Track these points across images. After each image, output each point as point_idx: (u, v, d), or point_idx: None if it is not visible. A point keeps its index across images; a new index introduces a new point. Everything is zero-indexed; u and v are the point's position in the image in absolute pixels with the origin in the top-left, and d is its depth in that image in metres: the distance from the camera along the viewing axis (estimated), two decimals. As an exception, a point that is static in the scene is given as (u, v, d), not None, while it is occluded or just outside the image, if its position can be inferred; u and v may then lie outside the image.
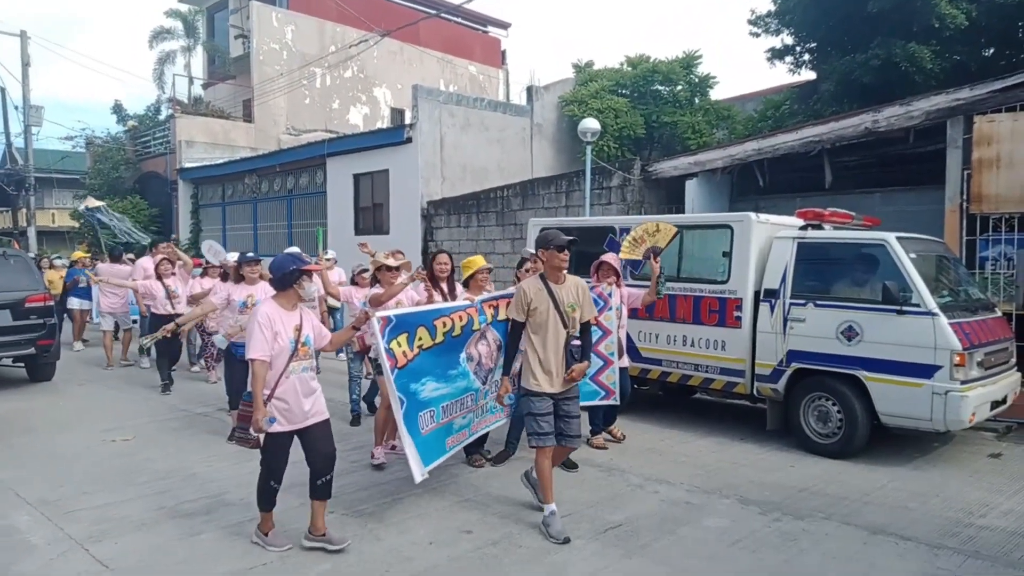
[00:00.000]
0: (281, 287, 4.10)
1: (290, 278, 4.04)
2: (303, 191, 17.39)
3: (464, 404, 5.05)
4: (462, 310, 5.06)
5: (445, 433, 4.87)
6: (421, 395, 4.62)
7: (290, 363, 3.99)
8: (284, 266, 4.06)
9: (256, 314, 4.02)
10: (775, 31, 14.86)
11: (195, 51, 25.01)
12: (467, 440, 5.21)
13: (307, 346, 4.10)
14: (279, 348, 3.96)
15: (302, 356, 4.06)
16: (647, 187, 11.22)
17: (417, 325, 4.66)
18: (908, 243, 6.12)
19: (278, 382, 3.97)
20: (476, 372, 5.11)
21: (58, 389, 9.19)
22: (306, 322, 4.13)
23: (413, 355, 4.58)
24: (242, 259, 6.84)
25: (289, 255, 4.11)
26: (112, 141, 23.84)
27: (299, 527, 4.39)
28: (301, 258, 4.12)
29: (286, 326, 4.00)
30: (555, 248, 4.54)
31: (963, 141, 8.52)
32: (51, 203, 33.95)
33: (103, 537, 4.38)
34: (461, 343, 5.00)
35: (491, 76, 27.42)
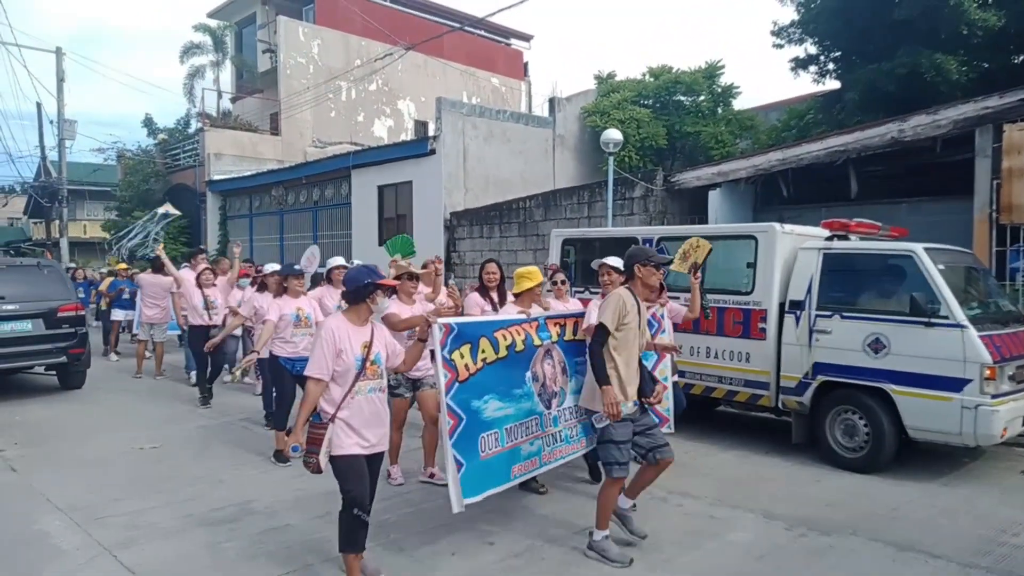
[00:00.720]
0: (353, 301, 3.81)
1: (364, 292, 3.77)
2: (328, 203, 17.59)
3: (529, 428, 4.61)
4: (521, 324, 4.73)
5: (510, 460, 4.43)
6: (484, 414, 4.25)
7: (357, 382, 3.69)
8: (358, 279, 3.79)
9: (320, 329, 3.78)
10: (798, 41, 14.80)
11: (224, 65, 25.46)
12: (538, 470, 4.74)
13: (376, 365, 3.78)
14: (344, 366, 3.67)
15: (370, 375, 3.74)
16: (670, 198, 11.20)
17: (479, 336, 4.34)
18: (936, 254, 6.03)
19: (343, 402, 3.68)
20: (540, 394, 4.74)
21: (88, 397, 9.35)
22: (377, 339, 3.82)
23: (476, 369, 4.24)
24: (288, 271, 6.66)
25: (364, 267, 3.88)
26: (143, 154, 24.33)
27: (320, 537, 4.42)
28: (376, 271, 3.85)
29: (353, 343, 3.71)
30: (655, 265, 4.29)
31: (992, 150, 8.42)
32: (82, 215, 34.66)
33: (131, 543, 4.45)
34: (526, 360, 4.66)
35: (513, 88, 27.57)
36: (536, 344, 4.75)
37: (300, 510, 5.02)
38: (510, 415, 4.44)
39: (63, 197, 22.44)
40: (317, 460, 3.60)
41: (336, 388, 3.68)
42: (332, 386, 3.68)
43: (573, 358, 5.11)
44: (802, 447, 6.54)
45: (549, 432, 4.77)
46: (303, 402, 3.67)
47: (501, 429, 4.35)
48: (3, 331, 8.69)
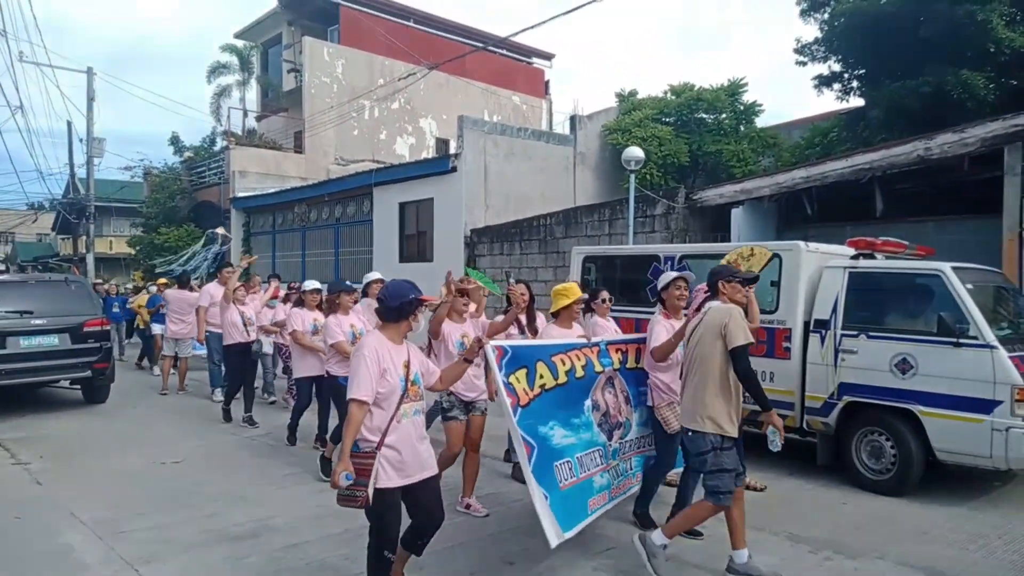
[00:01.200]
0: (395, 318, 3.52)
1: (408, 308, 3.51)
2: (350, 219, 17.74)
3: (594, 460, 4.34)
4: (579, 349, 4.47)
5: (585, 492, 4.14)
6: (553, 441, 3.98)
7: (401, 405, 3.42)
8: (403, 294, 3.51)
9: (362, 348, 3.44)
10: (822, 58, 14.76)
11: (249, 85, 25.88)
12: (607, 505, 4.43)
13: (417, 385, 3.54)
14: (389, 387, 3.38)
15: (413, 397, 3.49)
16: (692, 215, 11.15)
17: (536, 360, 4.08)
18: (964, 273, 5.94)
19: (388, 427, 3.38)
20: (601, 424, 4.45)
21: (112, 412, 9.45)
22: (414, 357, 3.58)
23: (534, 395, 3.98)
24: (340, 287, 6.43)
25: (407, 281, 3.60)
26: (169, 171, 24.74)
27: (339, 555, 4.40)
28: (416, 286, 3.60)
29: (395, 362, 3.43)
30: (741, 281, 4.16)
31: (1021, 168, 8.29)
32: (109, 231, 35.26)
33: (153, 558, 4.47)
34: (586, 387, 4.38)
35: (534, 106, 27.71)
36: (597, 371, 4.48)
37: (319, 527, 5.02)
38: (575, 444, 4.15)
39: (90, 213, 22.86)
40: (367, 494, 3.27)
41: (379, 412, 3.38)
42: (374, 410, 3.38)
43: (636, 387, 4.85)
44: (827, 469, 6.43)
45: (611, 465, 4.49)
46: (347, 428, 3.33)
47: (573, 458, 4.07)
48: (31, 345, 8.84)
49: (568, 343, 4.49)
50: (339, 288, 6.40)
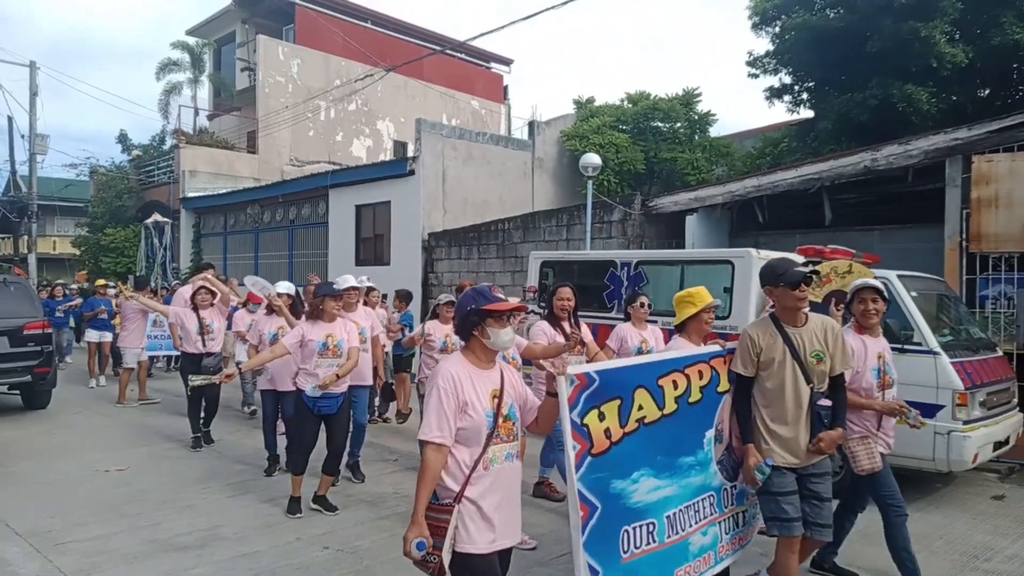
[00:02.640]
0: (465, 336, 2.87)
1: (468, 323, 2.81)
2: (305, 222, 17.47)
3: (700, 512, 3.38)
4: (703, 361, 3.51)
5: (674, 560, 3.20)
6: (631, 499, 3.03)
7: (489, 446, 2.71)
8: (463, 307, 2.86)
9: (437, 375, 2.77)
10: (773, 71, 15.10)
11: (201, 83, 25.32)
12: (715, 568, 3.44)
13: (511, 421, 2.80)
14: (472, 424, 2.69)
15: (505, 436, 2.77)
16: (647, 222, 11.28)
17: (635, 386, 3.13)
18: (909, 281, 6.12)
19: (472, 474, 2.69)
20: (723, 461, 3.57)
21: (53, 418, 9.11)
22: (508, 386, 2.83)
23: (623, 434, 3.05)
24: (327, 292, 5.52)
25: (476, 290, 2.91)
26: (116, 170, 24.03)
27: (291, 563, 4.30)
28: (488, 293, 2.87)
29: (480, 393, 2.73)
30: (786, 285, 3.42)
31: (962, 180, 8.60)
32: (52, 230, 34.09)
33: (93, 571, 4.30)
34: (708, 414, 3.49)
35: (493, 111, 27.74)
36: (722, 390, 3.56)
37: (270, 536, 4.90)
38: (673, 496, 3.22)
39: (33, 212, 22.05)
40: (440, 560, 2.59)
41: (462, 454, 2.71)
42: (456, 452, 2.70)
43: None
44: (778, 472, 6.54)
45: (730, 513, 3.57)
46: (421, 478, 2.64)
47: (660, 518, 3.14)
48: (-34, 348, 8.46)
49: (687, 356, 3.52)
50: (327, 292, 5.48)
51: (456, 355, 2.89)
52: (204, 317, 7.71)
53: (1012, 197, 8.18)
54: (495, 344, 2.79)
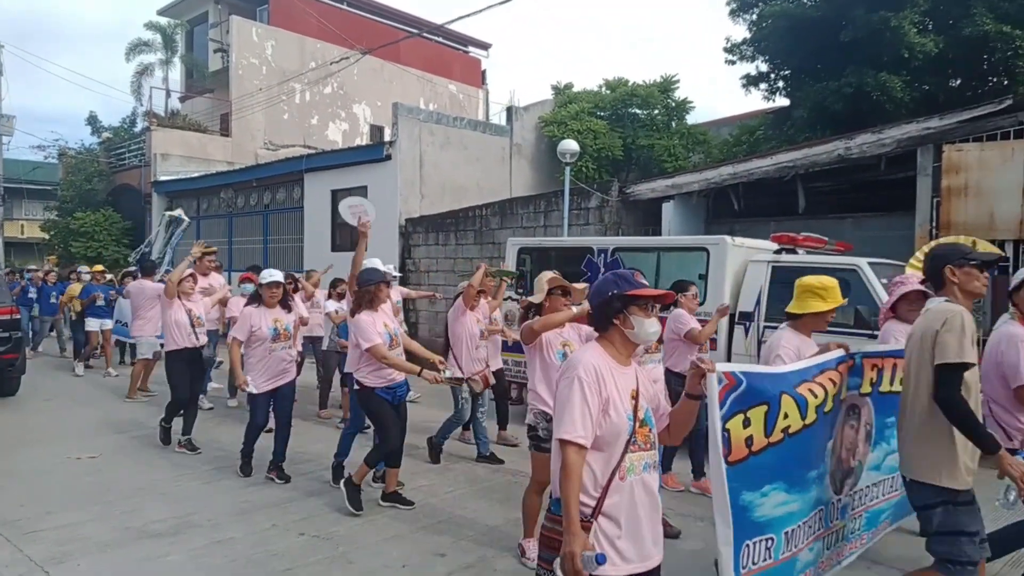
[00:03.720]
0: (603, 325, 2.51)
1: (607, 309, 2.47)
2: (280, 206, 17.27)
3: (812, 527, 3.13)
4: (833, 368, 3.21)
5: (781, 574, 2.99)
6: (756, 513, 2.79)
7: (626, 455, 2.36)
8: (602, 291, 2.50)
9: (575, 366, 2.40)
10: (750, 58, 15.16)
11: (173, 64, 24.84)
12: None
13: (648, 427, 2.46)
14: (612, 428, 2.34)
15: (643, 444, 2.42)
16: (624, 209, 11.31)
17: (780, 392, 2.87)
18: (880, 268, 6.23)
19: (609, 486, 2.33)
20: (833, 473, 3.29)
21: (23, 404, 8.96)
22: (643, 387, 2.50)
23: (767, 444, 2.79)
24: (378, 277, 5.09)
25: (618, 273, 2.54)
26: (86, 152, 23.54)
27: (265, 550, 4.28)
28: (631, 278, 2.50)
29: (621, 391, 2.39)
30: (976, 265, 3.08)
31: (933, 169, 8.73)
32: (20, 214, 33.37)
33: (65, 558, 4.26)
34: (831, 425, 3.22)
35: (471, 95, 27.58)
36: (841, 399, 3.28)
37: (244, 523, 4.88)
38: (796, 511, 2.97)
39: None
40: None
41: (597, 462, 2.35)
42: (590, 459, 2.35)
43: (884, 418, 3.58)
44: (751, 456, 6.64)
45: (834, 528, 3.33)
46: (568, 481, 2.27)
47: (779, 534, 2.89)
48: (-70, 335, 8.28)
49: (823, 361, 3.17)
50: (378, 279, 5.07)
51: (593, 345, 2.51)
52: (191, 308, 7.03)
53: (981, 186, 8.32)
54: (638, 336, 2.45)
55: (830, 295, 3.51)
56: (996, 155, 8.30)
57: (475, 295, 6.36)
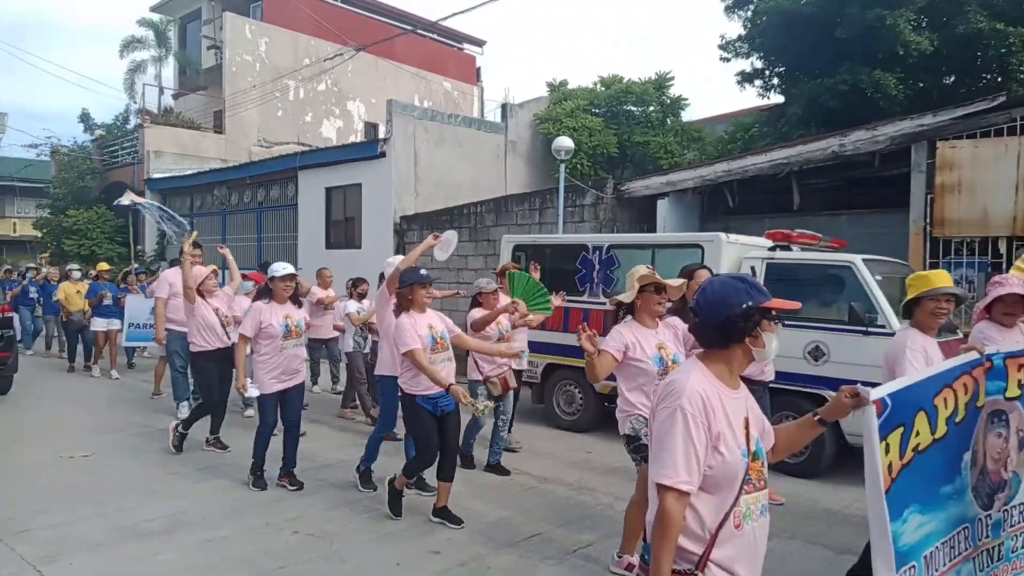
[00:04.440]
0: (720, 342, 2.09)
1: (738, 326, 2.04)
2: (274, 204, 17.22)
3: (955, 547, 2.84)
4: (967, 372, 2.89)
5: None
6: (900, 542, 2.54)
7: (740, 497, 2.01)
8: (731, 302, 2.04)
9: (677, 393, 2.01)
10: (745, 55, 15.16)
11: (166, 61, 24.72)
12: None
13: (760, 460, 2.10)
14: (723, 466, 1.99)
15: (756, 481, 2.06)
16: (619, 206, 11.31)
17: (917, 409, 2.65)
18: (874, 265, 6.23)
19: (720, 531, 1.99)
20: (977, 487, 2.94)
21: (15, 403, 8.91)
22: (752, 411, 2.15)
23: (901, 466, 2.57)
24: (416, 279, 4.75)
25: (745, 280, 2.11)
26: (79, 150, 23.43)
27: (258, 548, 4.27)
28: (759, 285, 2.12)
29: (733, 421, 2.04)
30: None
31: (927, 166, 8.75)
32: (12, 212, 33.21)
33: (57, 557, 4.23)
34: (966, 436, 2.89)
35: (466, 93, 27.52)
36: (979, 405, 2.94)
37: (237, 521, 4.86)
38: (933, 532, 2.71)
39: (-9, 193, 21.46)
40: None
41: (707, 505, 2.00)
42: (698, 502, 1.99)
43: None
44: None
45: (984, 546, 2.98)
46: (662, 535, 1.94)
47: (919, 559, 2.63)
48: (-79, 333, 8.22)
49: (955, 367, 2.86)
50: (416, 279, 4.74)
51: (696, 366, 2.10)
52: (218, 307, 6.67)
53: (974, 183, 8.35)
54: (766, 355, 2.09)
55: (932, 279, 3.37)
56: (989, 152, 8.32)
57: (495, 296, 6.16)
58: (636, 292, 3.96)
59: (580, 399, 7.74)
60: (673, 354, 3.91)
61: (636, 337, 3.88)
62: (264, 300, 5.57)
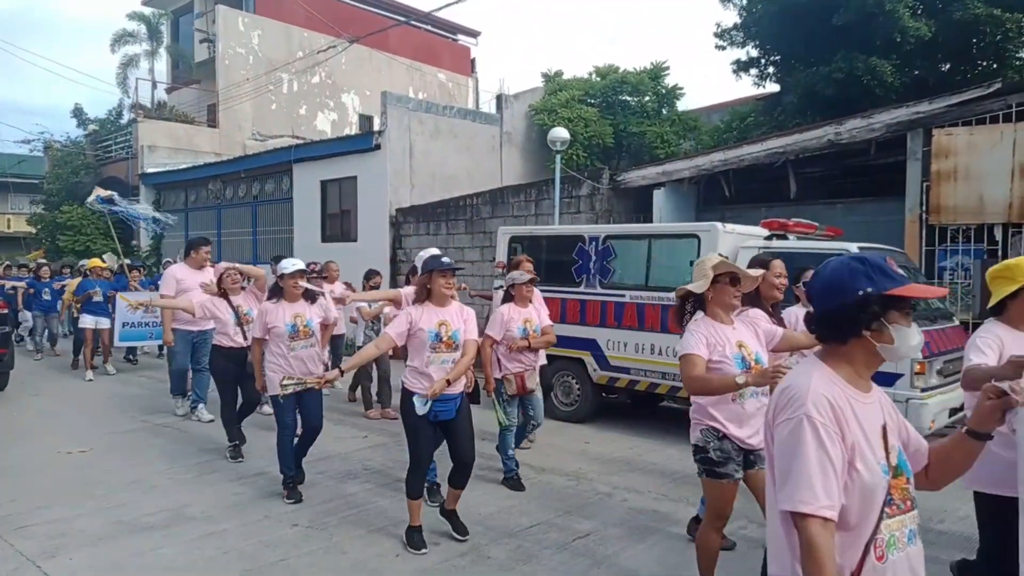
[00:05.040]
0: (840, 335, 1.79)
1: (853, 317, 1.75)
2: (268, 197, 17.17)
3: None
4: None
5: None
6: None
7: (882, 522, 1.70)
8: (847, 287, 1.75)
9: (800, 401, 1.71)
10: (741, 44, 15.12)
11: (159, 55, 24.60)
12: None
13: (904, 476, 1.79)
14: (863, 488, 1.68)
15: (901, 503, 1.76)
16: (616, 196, 11.30)
17: None
18: (869, 253, 6.23)
19: (862, 567, 1.70)
20: None
21: (12, 400, 8.89)
22: (890, 415, 1.83)
23: None
24: (433, 265, 4.33)
25: (868, 261, 1.80)
26: (72, 145, 23.31)
27: (258, 541, 4.27)
28: (888, 267, 1.79)
29: (868, 430, 1.73)
30: None
31: (922, 153, 8.75)
32: (5, 208, 33.06)
33: (57, 553, 4.23)
34: None
35: (460, 84, 27.43)
36: None
37: (237, 515, 4.87)
38: None
39: (-15, 189, 21.37)
40: None
41: (840, 535, 1.68)
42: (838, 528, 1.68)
43: None
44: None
45: None
46: (814, 568, 1.61)
47: None
48: (-84, 330, 8.19)
49: None
50: (432, 267, 4.32)
51: (819, 367, 1.79)
52: (239, 304, 6.48)
53: (970, 170, 8.35)
54: (898, 351, 1.74)
55: (1018, 272, 3.06)
56: (985, 139, 8.33)
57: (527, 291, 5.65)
58: (710, 282, 3.45)
59: (578, 390, 7.75)
60: (755, 353, 3.46)
61: (717, 335, 3.41)
62: (273, 300, 5.35)
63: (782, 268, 4.30)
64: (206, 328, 7.27)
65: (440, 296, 4.29)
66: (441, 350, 4.23)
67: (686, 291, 3.53)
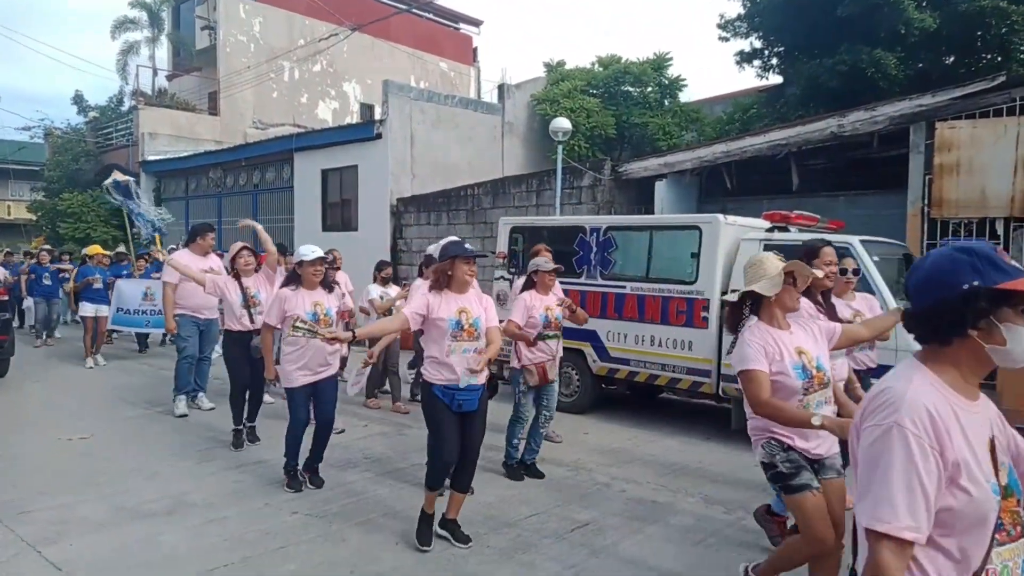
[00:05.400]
0: (940, 335, 1.59)
1: (956, 314, 1.54)
2: (269, 186, 17.15)
3: None
4: None
5: None
6: None
7: (992, 549, 1.52)
8: (949, 281, 1.54)
9: (895, 406, 1.51)
10: (744, 34, 15.06)
11: (160, 42, 24.52)
12: None
13: (1015, 496, 1.59)
14: (967, 506, 1.48)
15: (1013, 529, 1.56)
16: (617, 187, 11.28)
17: None
18: (871, 246, 6.23)
19: None
20: None
21: (13, 387, 8.91)
22: (999, 427, 1.63)
23: None
24: (455, 251, 4.19)
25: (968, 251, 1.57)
26: (72, 132, 23.27)
27: (259, 529, 4.30)
28: (993, 254, 1.55)
29: (976, 446, 1.52)
30: None
31: (925, 146, 8.73)
32: (6, 195, 33.05)
33: (58, 539, 4.25)
34: None
35: (462, 73, 27.33)
36: None
37: (239, 502, 4.89)
38: None
39: (-15, 176, 21.36)
40: None
41: (943, 564, 1.52)
42: (927, 560, 1.51)
43: None
44: (741, 433, 6.65)
45: None
46: None
47: None
48: (-82, 316, 8.19)
49: None
50: (454, 253, 4.18)
51: (920, 370, 1.58)
52: (248, 286, 6.33)
53: (972, 164, 8.33)
54: (1012, 355, 1.52)
55: None
56: (988, 132, 8.30)
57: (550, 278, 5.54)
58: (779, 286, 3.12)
59: (577, 381, 7.76)
60: (816, 360, 3.16)
61: (774, 343, 3.11)
62: (291, 287, 5.11)
63: (833, 255, 4.09)
64: (212, 317, 7.25)
65: (461, 283, 4.15)
66: (463, 339, 4.07)
67: (753, 293, 3.22)
